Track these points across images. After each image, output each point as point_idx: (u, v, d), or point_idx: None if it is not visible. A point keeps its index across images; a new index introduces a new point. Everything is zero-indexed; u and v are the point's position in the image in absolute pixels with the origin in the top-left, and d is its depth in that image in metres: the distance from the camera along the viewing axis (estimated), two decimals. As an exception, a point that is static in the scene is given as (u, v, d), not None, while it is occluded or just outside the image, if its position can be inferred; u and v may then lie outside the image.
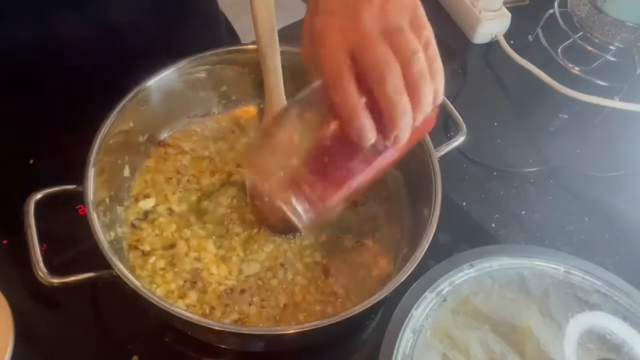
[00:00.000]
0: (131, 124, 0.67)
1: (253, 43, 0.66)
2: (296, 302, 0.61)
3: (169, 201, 0.67)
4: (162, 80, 0.68)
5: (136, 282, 0.54)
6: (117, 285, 0.55)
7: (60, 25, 0.69)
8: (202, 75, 0.71)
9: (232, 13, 0.96)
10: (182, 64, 0.68)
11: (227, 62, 0.71)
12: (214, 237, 0.65)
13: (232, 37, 0.94)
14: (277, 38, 0.64)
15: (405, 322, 0.58)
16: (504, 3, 0.93)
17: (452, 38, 0.95)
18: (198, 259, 0.63)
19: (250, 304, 0.61)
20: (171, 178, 0.69)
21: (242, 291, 0.62)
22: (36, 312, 0.63)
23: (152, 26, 0.74)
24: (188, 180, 0.69)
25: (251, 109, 0.75)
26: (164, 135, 0.72)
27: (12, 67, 0.69)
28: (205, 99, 0.73)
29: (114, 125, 0.63)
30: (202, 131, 0.73)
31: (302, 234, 0.65)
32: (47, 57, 0.70)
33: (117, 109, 0.64)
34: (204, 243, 0.64)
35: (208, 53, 0.70)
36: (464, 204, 0.76)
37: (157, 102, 0.68)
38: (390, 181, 0.70)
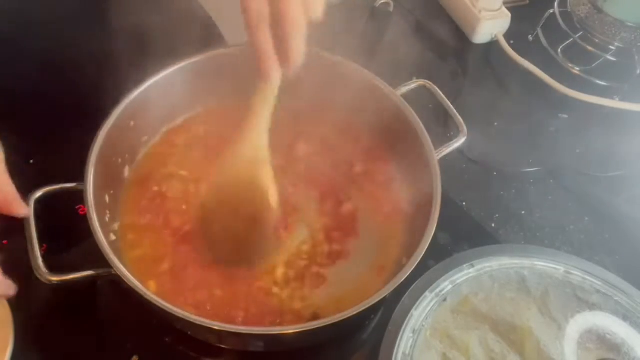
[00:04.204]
0: (131, 124, 0.67)
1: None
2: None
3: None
4: (162, 80, 0.68)
5: (136, 282, 0.54)
6: (117, 285, 0.55)
7: (59, 29, 0.69)
8: (202, 74, 0.71)
9: (217, 14, 0.95)
10: (183, 64, 0.69)
11: (225, 62, 0.71)
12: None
13: (216, 38, 0.93)
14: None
15: (405, 322, 0.58)
16: (504, 3, 0.93)
17: (452, 38, 0.94)
18: None
19: None
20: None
21: None
22: (36, 312, 0.63)
23: (151, 27, 0.74)
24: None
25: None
26: (164, 134, 0.72)
27: (12, 70, 0.69)
28: (205, 96, 0.73)
29: (114, 125, 0.63)
30: (202, 129, 0.73)
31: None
32: (46, 59, 0.71)
33: (118, 109, 0.64)
34: None
35: (209, 53, 0.70)
36: (464, 204, 0.76)
37: (157, 101, 0.68)
38: (390, 181, 0.70)
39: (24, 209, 0.53)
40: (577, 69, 0.89)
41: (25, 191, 0.58)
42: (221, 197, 0.62)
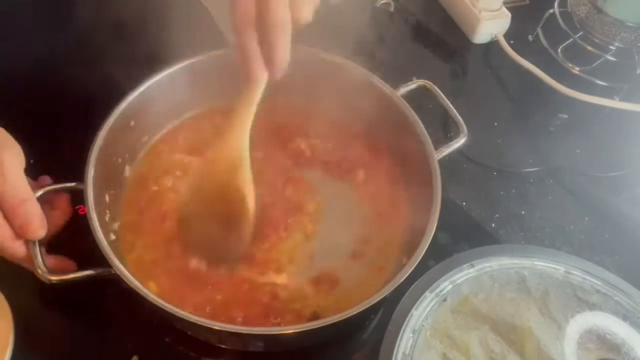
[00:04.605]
0: (132, 124, 0.67)
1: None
2: None
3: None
4: (162, 80, 0.68)
5: (136, 282, 0.54)
6: (117, 285, 0.55)
7: (59, 28, 0.69)
8: (202, 74, 0.71)
9: (217, 13, 0.95)
10: (183, 63, 0.69)
11: (225, 62, 0.71)
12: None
13: (216, 38, 0.94)
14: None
15: (405, 322, 0.57)
16: (504, 3, 0.93)
17: (452, 38, 0.94)
18: None
19: None
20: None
21: None
22: (36, 312, 0.63)
23: (152, 27, 0.74)
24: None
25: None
26: (164, 134, 0.72)
27: (12, 69, 0.69)
28: (205, 96, 0.73)
29: (114, 125, 0.63)
30: (202, 129, 0.73)
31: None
32: (46, 58, 0.70)
33: (118, 109, 0.64)
34: None
35: (209, 53, 0.70)
36: (464, 204, 0.76)
37: (157, 101, 0.68)
38: (390, 181, 0.70)
39: (42, 231, 0.54)
40: (577, 69, 0.89)
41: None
42: (200, 197, 0.62)
